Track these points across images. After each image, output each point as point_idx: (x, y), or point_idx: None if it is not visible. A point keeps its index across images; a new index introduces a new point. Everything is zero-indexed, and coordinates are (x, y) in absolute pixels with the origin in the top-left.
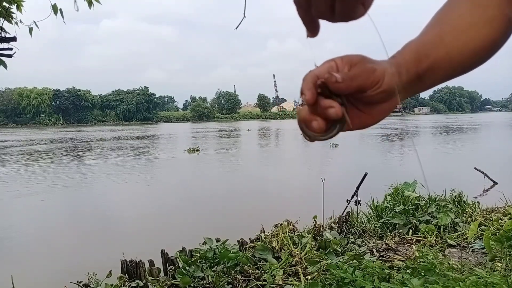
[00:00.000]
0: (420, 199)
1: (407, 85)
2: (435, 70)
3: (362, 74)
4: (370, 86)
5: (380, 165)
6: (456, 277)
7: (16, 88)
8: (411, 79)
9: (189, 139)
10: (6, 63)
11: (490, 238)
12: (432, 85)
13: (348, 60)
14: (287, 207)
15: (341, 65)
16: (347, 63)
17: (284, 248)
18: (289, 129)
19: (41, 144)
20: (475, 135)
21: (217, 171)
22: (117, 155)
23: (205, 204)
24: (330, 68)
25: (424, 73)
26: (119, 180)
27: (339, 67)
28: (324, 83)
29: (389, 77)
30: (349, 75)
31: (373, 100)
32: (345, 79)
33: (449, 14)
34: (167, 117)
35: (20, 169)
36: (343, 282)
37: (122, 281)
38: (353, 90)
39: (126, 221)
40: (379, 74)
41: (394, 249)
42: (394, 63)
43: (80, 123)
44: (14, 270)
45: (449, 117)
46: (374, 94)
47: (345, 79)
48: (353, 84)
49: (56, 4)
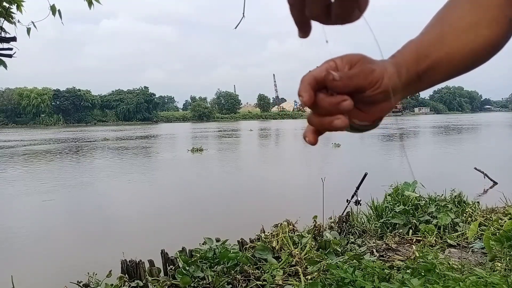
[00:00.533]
0: (420, 199)
1: (406, 85)
2: (435, 70)
3: (360, 74)
4: (369, 87)
5: (380, 165)
6: (456, 277)
7: (16, 88)
8: (411, 79)
9: (191, 139)
10: (6, 63)
11: (490, 238)
12: (431, 85)
13: (348, 60)
14: (287, 207)
15: (340, 64)
16: (347, 62)
17: (284, 248)
18: (290, 129)
19: (46, 144)
20: (475, 135)
21: (219, 171)
22: (122, 155)
23: (205, 204)
24: (329, 67)
25: (423, 73)
26: (124, 180)
27: (338, 67)
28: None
29: (388, 77)
30: (347, 74)
31: (373, 100)
32: (343, 77)
33: (450, 14)
34: (167, 117)
35: (27, 168)
36: (343, 282)
37: (122, 281)
38: (351, 89)
39: (127, 221)
40: (378, 75)
41: (394, 249)
42: (394, 63)
43: (80, 123)
44: (14, 270)
45: (449, 117)
46: (373, 94)
47: (343, 77)
48: (351, 83)
49: (54, 5)
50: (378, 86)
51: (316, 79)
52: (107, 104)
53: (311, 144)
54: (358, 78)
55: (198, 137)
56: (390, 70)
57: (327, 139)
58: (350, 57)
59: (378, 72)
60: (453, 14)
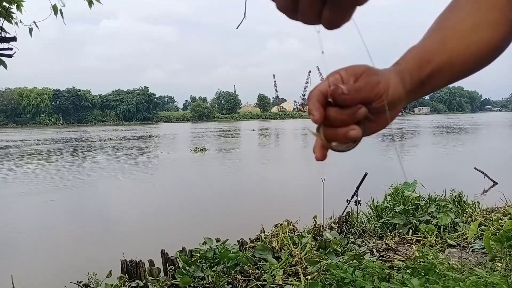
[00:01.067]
0: (420, 199)
1: (410, 92)
2: (437, 75)
3: (366, 87)
4: (375, 99)
5: (380, 165)
6: (456, 277)
7: (16, 88)
8: (414, 86)
9: (193, 139)
10: (6, 63)
11: (490, 238)
12: (433, 90)
13: (353, 72)
14: (287, 207)
15: (346, 77)
16: (352, 75)
17: (284, 248)
18: (290, 129)
19: (51, 143)
20: (475, 135)
21: (222, 171)
22: (128, 154)
23: (205, 203)
24: (335, 81)
25: (426, 78)
26: (128, 180)
27: (344, 79)
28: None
29: (393, 88)
30: (354, 87)
31: (377, 112)
32: (351, 90)
33: (451, 18)
34: (167, 117)
35: (37, 167)
36: (343, 282)
37: (122, 281)
38: (358, 102)
39: (127, 221)
40: (383, 87)
41: (394, 249)
42: (397, 71)
43: (80, 123)
44: (14, 270)
45: (450, 117)
46: (378, 106)
47: (351, 90)
48: (358, 96)
49: (56, 5)
50: (384, 98)
51: (324, 94)
52: (107, 104)
53: (319, 161)
54: (365, 91)
55: (200, 137)
56: (394, 80)
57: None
58: (354, 69)
59: (384, 84)
60: (454, 17)
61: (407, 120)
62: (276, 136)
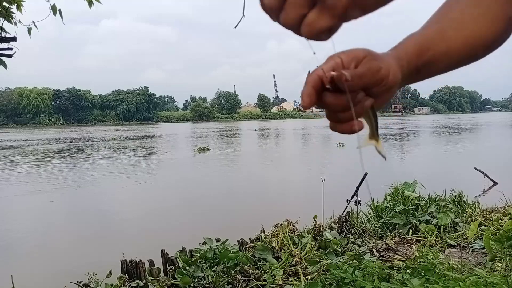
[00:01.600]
0: (420, 199)
1: (405, 77)
2: (434, 63)
3: (368, 73)
4: (376, 84)
5: (380, 165)
6: (456, 277)
7: (16, 88)
8: (410, 72)
9: (195, 139)
10: (6, 63)
11: (490, 238)
12: (427, 77)
13: (354, 56)
14: (287, 207)
15: (346, 61)
16: (353, 59)
17: (284, 248)
18: (290, 129)
19: (55, 143)
20: (476, 135)
21: (223, 171)
22: (132, 154)
23: (205, 203)
24: (336, 65)
25: (423, 66)
26: (131, 180)
27: (345, 64)
28: (332, 79)
29: (393, 74)
30: (356, 73)
31: (376, 95)
32: (354, 77)
33: (451, 9)
34: (167, 117)
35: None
36: (343, 282)
37: (122, 281)
38: (359, 87)
39: (127, 221)
40: (384, 72)
41: (394, 249)
42: (396, 57)
43: (80, 123)
44: (14, 270)
45: (450, 117)
46: (378, 91)
47: (354, 77)
48: (360, 82)
49: (55, 5)
50: (385, 83)
51: (322, 80)
52: (107, 104)
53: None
54: (367, 77)
55: (202, 137)
56: (394, 67)
57: (330, 139)
58: (355, 52)
59: (385, 70)
60: (454, 8)
61: (407, 120)
62: (277, 136)
